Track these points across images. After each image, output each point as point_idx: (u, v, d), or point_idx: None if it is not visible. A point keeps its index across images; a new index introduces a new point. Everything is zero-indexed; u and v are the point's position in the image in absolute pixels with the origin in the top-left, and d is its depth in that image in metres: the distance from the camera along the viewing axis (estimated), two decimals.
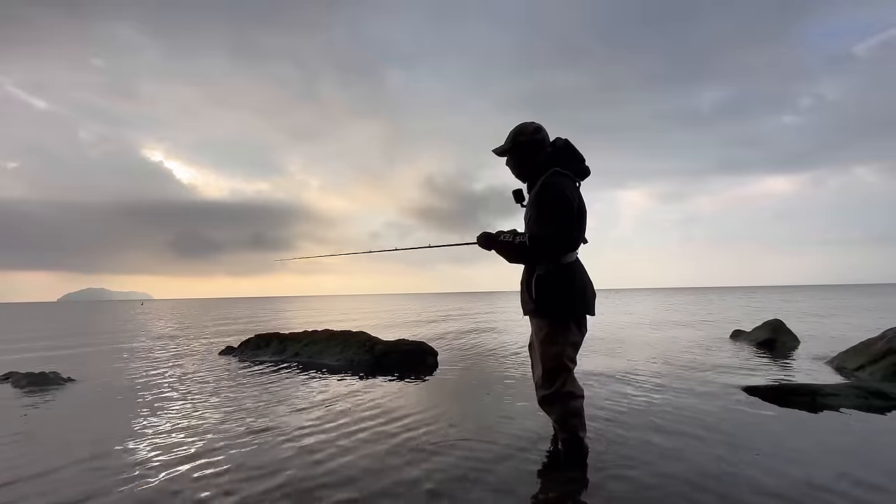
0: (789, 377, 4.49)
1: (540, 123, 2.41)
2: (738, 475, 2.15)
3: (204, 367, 5.95)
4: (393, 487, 2.10)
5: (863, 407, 3.26)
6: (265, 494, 2.05)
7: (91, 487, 2.17)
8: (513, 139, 2.40)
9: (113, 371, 5.81)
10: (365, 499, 1.99)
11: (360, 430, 2.99)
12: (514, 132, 2.41)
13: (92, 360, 7.02)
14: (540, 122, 2.43)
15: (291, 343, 6.72)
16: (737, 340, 7.43)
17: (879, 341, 4.71)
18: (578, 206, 2.29)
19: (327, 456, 2.52)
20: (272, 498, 2.02)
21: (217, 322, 16.82)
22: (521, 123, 2.42)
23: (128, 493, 2.11)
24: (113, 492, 2.12)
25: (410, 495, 2.02)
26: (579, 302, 2.30)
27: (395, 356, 5.69)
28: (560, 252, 2.27)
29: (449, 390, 4.23)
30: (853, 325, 9.77)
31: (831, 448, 2.52)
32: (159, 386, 4.68)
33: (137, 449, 2.71)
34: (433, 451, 2.56)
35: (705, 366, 5.15)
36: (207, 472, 2.33)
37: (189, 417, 3.40)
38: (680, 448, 2.52)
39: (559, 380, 2.29)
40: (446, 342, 8.09)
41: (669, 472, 2.21)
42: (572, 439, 2.34)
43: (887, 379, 4.00)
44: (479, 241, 2.43)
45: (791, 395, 3.55)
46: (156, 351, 7.97)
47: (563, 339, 2.28)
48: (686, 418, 3.09)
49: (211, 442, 2.80)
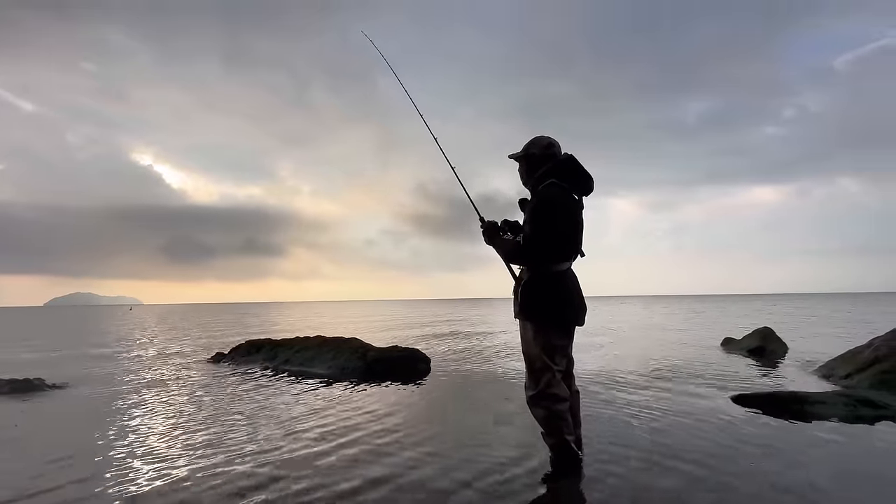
0: (779, 385, 4.53)
1: (554, 139, 2.50)
2: (728, 484, 2.16)
3: (192, 373, 5.86)
4: (376, 497, 2.07)
5: (851, 415, 3.30)
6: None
7: (73, 498, 2.13)
8: (526, 149, 2.52)
9: (99, 378, 5.70)
10: None
11: (346, 438, 2.96)
12: (528, 143, 2.53)
13: (78, 366, 6.89)
14: (529, 129, 2.52)
15: (283, 349, 6.65)
16: (727, 348, 7.49)
17: (866, 350, 4.77)
18: (573, 218, 2.36)
19: (314, 468, 2.49)
20: None
21: (207, 328, 16.62)
22: (537, 136, 2.54)
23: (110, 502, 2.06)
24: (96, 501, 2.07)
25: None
26: (567, 310, 2.35)
27: (388, 363, 5.66)
28: (551, 259, 2.33)
29: (440, 397, 4.22)
30: (840, 334, 9.90)
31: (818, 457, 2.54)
32: (146, 393, 4.61)
33: (122, 459, 2.66)
34: (417, 458, 2.54)
35: (695, 373, 5.18)
36: (191, 482, 2.28)
37: (175, 426, 3.35)
38: (669, 456, 2.52)
39: (543, 380, 2.33)
40: (439, 349, 8.06)
41: (657, 481, 2.21)
42: (559, 444, 2.35)
43: (874, 387, 4.05)
44: (484, 231, 2.53)
45: (781, 403, 3.58)
46: (143, 357, 7.86)
47: (547, 340, 2.34)
48: (675, 426, 3.10)
49: (195, 451, 2.75)
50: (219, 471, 2.41)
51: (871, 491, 2.13)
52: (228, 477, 2.33)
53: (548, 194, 2.34)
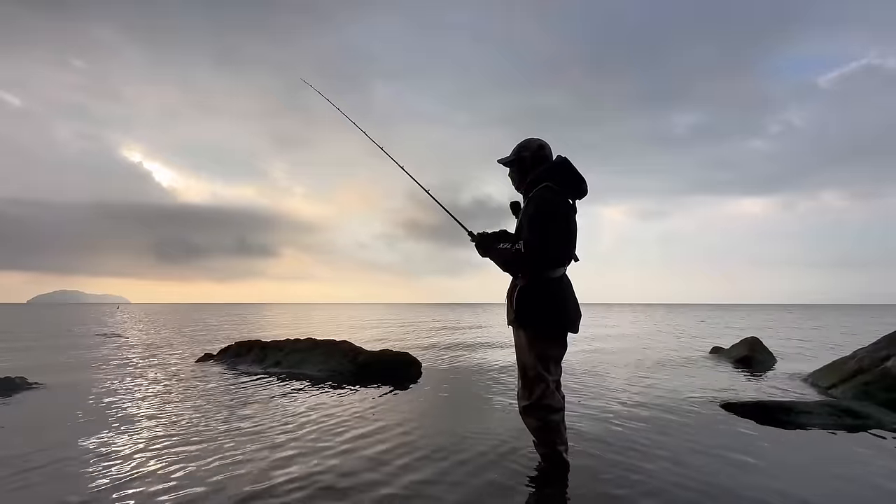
0: (766, 394, 4.59)
1: (545, 141, 2.49)
2: (717, 488, 2.19)
3: (179, 374, 5.79)
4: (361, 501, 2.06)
5: (835, 424, 3.35)
6: None
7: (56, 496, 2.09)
8: (517, 153, 2.48)
9: (82, 376, 5.60)
10: None
11: (332, 442, 2.94)
12: (519, 146, 2.50)
13: (61, 364, 6.77)
14: (523, 136, 2.56)
15: (273, 351, 6.59)
16: (715, 357, 7.57)
17: (850, 360, 4.86)
18: (569, 223, 2.32)
19: (300, 471, 2.47)
20: None
21: (195, 328, 16.41)
22: (527, 139, 2.51)
23: None
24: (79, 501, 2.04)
25: None
26: (562, 317, 2.31)
27: (379, 366, 5.64)
28: (548, 265, 2.29)
29: (430, 401, 4.21)
30: (825, 345, 10.06)
31: (802, 464, 2.58)
32: (130, 392, 4.54)
33: (104, 458, 2.62)
34: (407, 463, 2.54)
35: (684, 381, 5.23)
36: (173, 483, 2.26)
37: (158, 426, 3.30)
38: (657, 463, 2.55)
39: (537, 390, 2.30)
40: (431, 352, 8.05)
41: (648, 486, 2.23)
42: (551, 454, 2.34)
43: (857, 397, 4.12)
44: (476, 244, 2.44)
45: (767, 411, 3.63)
46: (129, 356, 7.73)
47: (542, 350, 2.30)
48: (664, 433, 3.12)
49: (178, 452, 2.72)
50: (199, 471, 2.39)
51: (851, 498, 2.17)
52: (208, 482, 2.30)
53: (544, 198, 2.28)
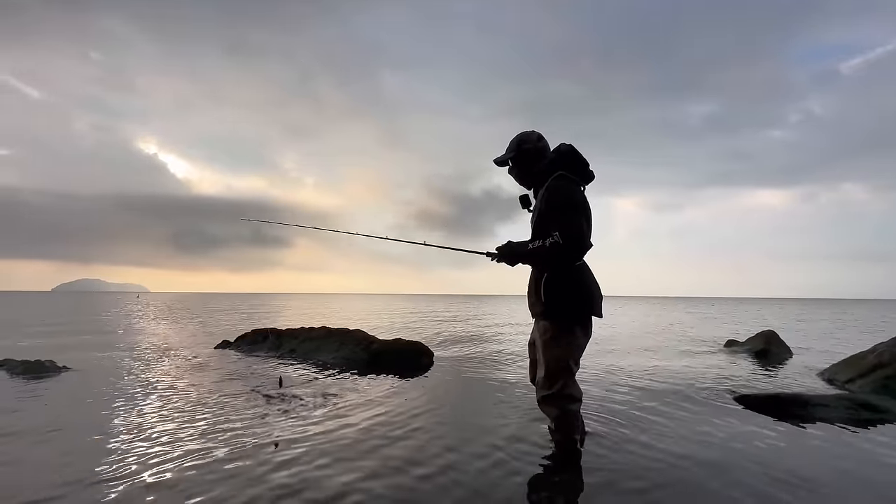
0: (782, 387, 4.53)
1: (540, 133, 2.48)
2: (730, 481, 2.19)
3: (199, 360, 5.95)
4: (373, 490, 2.07)
5: (852, 418, 3.31)
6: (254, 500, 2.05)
7: (80, 478, 2.19)
8: (517, 146, 2.45)
9: (107, 361, 5.81)
10: None
11: (345, 430, 2.97)
12: (517, 140, 2.46)
13: (87, 349, 7.01)
14: (535, 126, 2.53)
15: (288, 339, 6.73)
16: (731, 349, 7.49)
17: (869, 355, 4.77)
18: (587, 210, 2.34)
19: (313, 461, 2.53)
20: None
21: (213, 316, 16.79)
22: (523, 132, 2.48)
23: (118, 486, 2.13)
24: (103, 485, 2.14)
25: (390, 498, 1.99)
26: (587, 304, 2.33)
27: (392, 355, 5.72)
28: (583, 253, 2.31)
29: (442, 390, 4.26)
30: (842, 339, 9.85)
31: (818, 457, 2.56)
32: (152, 377, 4.69)
33: (129, 441, 2.72)
34: (418, 451, 2.57)
35: (698, 373, 5.19)
36: (193, 472, 2.30)
37: (178, 411, 3.39)
38: (671, 454, 2.55)
39: (560, 381, 2.31)
40: (443, 343, 8.11)
41: (660, 479, 2.24)
42: (567, 442, 2.37)
43: (876, 392, 4.05)
44: (502, 256, 2.38)
45: (782, 404, 3.59)
46: (150, 342, 7.97)
47: (568, 341, 2.31)
48: (678, 426, 3.12)
49: (199, 438, 2.80)
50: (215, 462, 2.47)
51: (866, 492, 2.15)
52: (227, 471, 2.38)
53: (566, 188, 2.27)
